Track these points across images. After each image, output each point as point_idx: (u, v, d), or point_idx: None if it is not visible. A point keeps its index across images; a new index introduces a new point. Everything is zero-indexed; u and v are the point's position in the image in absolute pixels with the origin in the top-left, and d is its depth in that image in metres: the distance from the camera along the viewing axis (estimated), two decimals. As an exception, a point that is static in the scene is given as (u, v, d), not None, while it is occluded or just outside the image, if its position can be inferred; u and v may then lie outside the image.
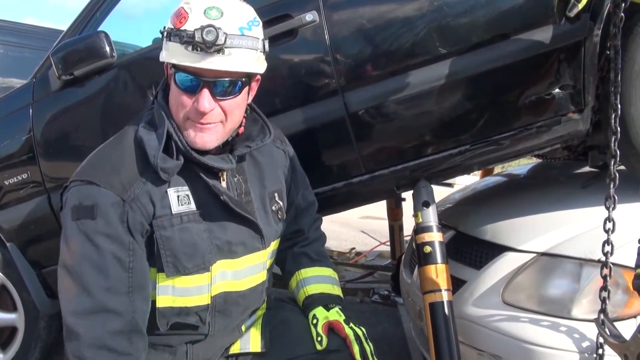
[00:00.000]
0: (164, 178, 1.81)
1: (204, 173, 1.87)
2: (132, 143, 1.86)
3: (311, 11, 2.51)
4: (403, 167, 2.64)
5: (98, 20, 2.92)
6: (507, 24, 2.44)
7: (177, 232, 1.83)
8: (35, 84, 2.91)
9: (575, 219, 2.51)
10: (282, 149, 2.21)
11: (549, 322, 2.27)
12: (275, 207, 2.10)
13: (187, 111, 1.81)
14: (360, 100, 2.55)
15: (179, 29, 1.73)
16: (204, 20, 1.73)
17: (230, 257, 1.94)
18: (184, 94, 1.80)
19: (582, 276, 2.29)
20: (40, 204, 2.92)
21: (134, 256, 1.78)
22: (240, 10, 1.81)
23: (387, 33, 2.50)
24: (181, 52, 1.74)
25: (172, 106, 1.85)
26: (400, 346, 3.90)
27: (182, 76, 1.79)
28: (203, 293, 1.90)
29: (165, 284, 1.86)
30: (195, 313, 1.92)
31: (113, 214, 1.75)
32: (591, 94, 2.51)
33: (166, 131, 1.81)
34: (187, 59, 1.74)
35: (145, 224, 1.80)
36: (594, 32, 2.42)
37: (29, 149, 2.88)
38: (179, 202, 1.85)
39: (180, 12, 1.76)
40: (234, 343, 2.12)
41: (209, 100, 1.78)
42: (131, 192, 1.78)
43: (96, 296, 1.73)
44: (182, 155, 1.83)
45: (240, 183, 2.01)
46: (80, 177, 1.80)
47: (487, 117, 2.57)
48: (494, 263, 2.49)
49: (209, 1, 1.77)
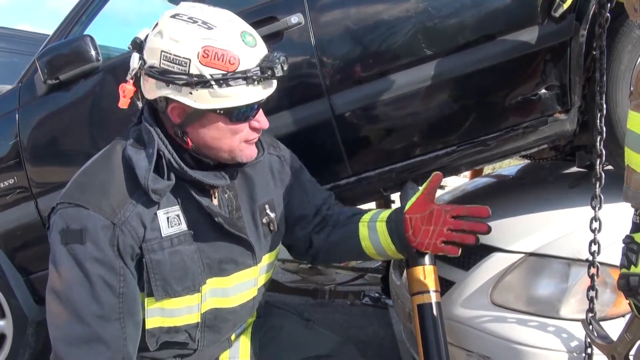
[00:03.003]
0: (155, 199, 1.74)
1: (195, 191, 1.82)
2: (120, 162, 1.78)
3: (296, 14, 2.51)
4: (390, 169, 2.64)
5: (84, 24, 2.92)
6: (492, 25, 2.44)
7: (167, 256, 1.77)
8: (21, 89, 2.91)
9: (563, 219, 2.52)
10: (276, 154, 2.15)
11: (537, 322, 2.27)
12: (266, 220, 2.02)
13: (241, 135, 1.78)
14: (347, 102, 2.55)
15: (237, 71, 1.65)
16: (251, 51, 1.68)
17: (221, 275, 1.89)
18: (239, 123, 1.76)
19: (570, 276, 2.30)
20: (27, 210, 2.91)
21: (125, 282, 1.73)
22: (247, 24, 1.78)
23: (373, 35, 2.49)
24: (246, 91, 1.68)
25: (216, 142, 1.77)
26: (390, 348, 3.90)
27: (242, 110, 1.73)
28: (193, 312, 1.87)
29: (154, 307, 1.81)
30: (185, 331, 1.89)
31: (103, 238, 1.68)
32: (577, 94, 2.51)
33: (157, 150, 1.74)
34: (257, 94, 1.71)
35: (136, 247, 1.74)
36: (580, 32, 2.41)
37: (16, 154, 2.87)
38: (168, 223, 1.79)
39: (219, 54, 1.64)
40: (223, 352, 2.10)
41: (263, 115, 1.82)
42: (121, 215, 1.71)
43: (88, 324, 1.69)
44: (173, 174, 1.77)
45: (231, 199, 1.95)
46: (67, 200, 1.73)
47: (473, 118, 2.57)
48: (482, 264, 2.48)
49: (232, 28, 1.70)
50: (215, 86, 1.65)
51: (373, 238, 2.11)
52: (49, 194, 2.82)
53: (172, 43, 1.66)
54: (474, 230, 1.97)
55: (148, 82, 1.73)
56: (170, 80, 1.66)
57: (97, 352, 1.70)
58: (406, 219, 2.04)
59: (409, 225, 2.04)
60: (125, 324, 1.73)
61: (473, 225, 1.97)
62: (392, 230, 2.06)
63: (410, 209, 2.05)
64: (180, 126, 1.75)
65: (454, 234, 1.98)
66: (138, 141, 1.79)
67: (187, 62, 1.64)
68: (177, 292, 1.80)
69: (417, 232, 2.03)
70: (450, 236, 1.98)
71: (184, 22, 1.68)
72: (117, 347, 1.72)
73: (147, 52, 1.71)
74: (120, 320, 1.73)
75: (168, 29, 1.68)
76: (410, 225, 2.04)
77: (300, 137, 2.57)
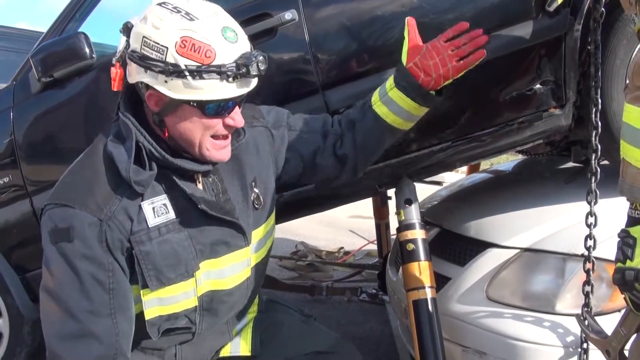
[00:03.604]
0: (139, 191, 1.75)
1: (178, 178, 1.81)
2: (102, 159, 1.80)
3: (290, 10, 2.50)
4: (385, 165, 2.64)
5: (78, 21, 2.91)
6: (487, 20, 2.43)
7: (156, 245, 1.78)
8: (15, 87, 2.90)
9: (559, 214, 2.52)
10: (259, 125, 2.11)
11: (533, 317, 2.28)
12: (253, 196, 2.01)
13: (214, 131, 1.77)
14: (341, 98, 2.54)
15: (212, 65, 1.65)
16: (230, 47, 1.68)
17: (213, 257, 1.89)
18: (215, 117, 1.75)
19: (565, 271, 2.30)
20: (22, 208, 2.90)
21: (114, 277, 1.74)
22: (233, 20, 1.77)
23: (367, 31, 2.49)
24: (220, 86, 1.68)
25: (188, 133, 1.77)
26: (387, 344, 3.91)
27: (216, 105, 1.73)
28: (190, 297, 1.87)
29: (151, 298, 1.82)
30: (185, 315, 1.90)
31: (90, 235, 1.70)
32: (572, 89, 2.50)
33: (135, 142, 1.74)
34: (227, 90, 1.70)
35: (125, 241, 1.75)
36: (575, 27, 2.41)
37: (11, 152, 2.86)
38: (154, 213, 1.79)
39: (196, 46, 1.65)
40: (224, 346, 2.10)
41: (240, 115, 1.81)
42: (107, 211, 1.72)
43: (80, 319, 1.71)
44: (155, 163, 1.78)
45: (215, 182, 1.94)
46: (54, 200, 1.76)
47: (468, 113, 2.57)
48: (478, 259, 2.49)
49: (214, 22, 1.70)
50: (189, 77, 1.65)
51: (394, 109, 2.09)
52: (44, 192, 2.81)
53: (153, 30, 1.67)
54: (475, 44, 2.04)
55: (130, 66, 1.75)
56: (148, 66, 1.68)
57: (90, 347, 1.71)
58: (411, 69, 2.03)
59: (418, 72, 2.03)
60: (117, 320, 1.75)
61: (471, 37, 2.05)
62: (406, 89, 2.04)
63: (408, 58, 2.05)
64: (158, 115, 1.76)
65: (462, 49, 2.03)
66: (118, 136, 1.80)
67: (164, 50, 1.65)
68: (171, 280, 1.81)
69: (428, 71, 2.02)
70: (460, 53, 2.03)
71: (168, 10, 1.69)
72: (110, 342, 1.73)
73: (132, 36, 1.73)
74: (112, 315, 1.74)
75: (152, 16, 1.69)
76: (419, 69, 2.03)
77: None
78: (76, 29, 2.86)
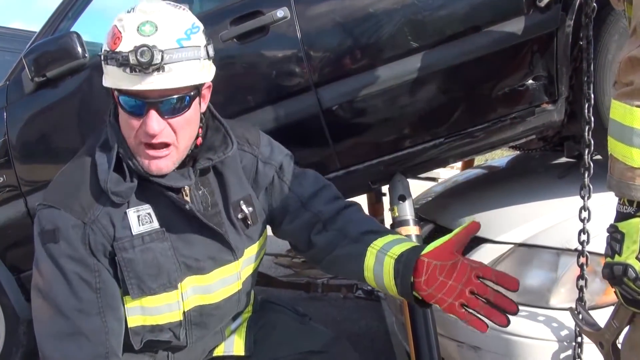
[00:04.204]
0: (117, 201, 1.75)
1: (164, 189, 1.80)
2: (89, 165, 1.81)
3: (282, 7, 2.50)
4: (378, 162, 2.64)
5: (71, 20, 2.91)
6: (478, 16, 2.44)
7: (139, 254, 1.78)
8: (8, 87, 2.89)
9: (552, 209, 2.53)
10: (250, 152, 2.04)
11: (527, 312, 2.28)
12: (241, 216, 1.96)
13: (137, 134, 1.72)
14: (334, 95, 2.55)
15: (114, 51, 1.65)
16: (137, 38, 1.64)
17: (200, 273, 1.88)
18: (132, 117, 1.71)
19: (559, 265, 2.31)
20: (16, 208, 2.89)
21: (100, 277, 1.75)
22: (176, 20, 1.71)
23: (359, 28, 2.49)
24: (120, 76, 1.66)
25: (123, 130, 1.77)
26: (383, 341, 3.91)
27: (126, 99, 1.70)
28: (173, 310, 1.86)
29: (133, 306, 1.83)
30: (169, 329, 1.90)
31: (74, 237, 1.72)
32: (564, 85, 2.52)
33: (116, 154, 1.75)
34: (126, 82, 1.66)
35: (107, 245, 1.76)
36: (566, 22, 2.42)
37: (5, 152, 2.85)
38: (139, 222, 1.79)
39: (113, 33, 1.68)
40: (218, 346, 2.11)
41: (157, 121, 1.69)
42: (91, 214, 1.74)
43: (69, 317, 1.72)
44: (137, 176, 1.77)
45: (205, 195, 1.92)
46: (43, 202, 1.79)
47: (460, 109, 2.58)
48: (472, 255, 2.48)
49: (141, 16, 1.68)
50: (103, 62, 1.70)
51: (377, 271, 1.82)
52: (38, 192, 2.80)
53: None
54: (502, 307, 1.61)
55: None
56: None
57: (80, 345, 1.72)
58: (422, 263, 1.69)
59: (423, 270, 1.68)
60: (107, 319, 1.76)
61: (501, 299, 1.62)
62: (397, 272, 1.74)
63: (431, 253, 1.70)
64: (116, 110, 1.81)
65: (478, 302, 1.62)
66: (105, 143, 1.81)
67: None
68: (153, 290, 1.81)
69: (431, 282, 1.66)
70: (473, 303, 1.62)
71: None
72: (99, 340, 1.74)
73: None
74: (101, 314, 1.75)
75: None
76: (425, 272, 1.68)
77: (287, 131, 2.55)
78: (68, 29, 2.86)
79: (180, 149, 1.79)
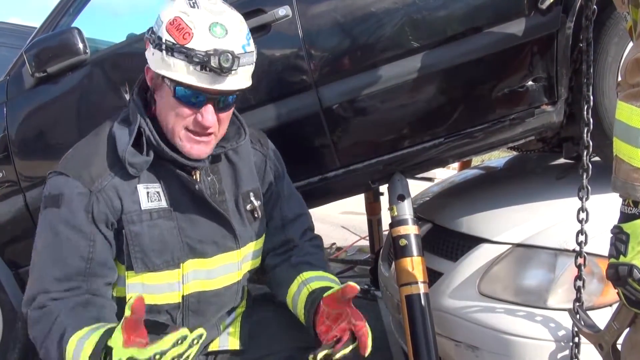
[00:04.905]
0: (132, 173, 1.83)
1: (177, 168, 1.88)
2: (105, 138, 1.89)
3: (284, 6, 2.50)
4: (378, 161, 2.65)
5: (72, 16, 2.90)
6: (479, 17, 2.45)
7: (146, 228, 1.85)
8: (9, 82, 2.88)
9: (550, 210, 2.54)
10: (260, 151, 2.18)
11: (525, 312, 2.29)
12: (250, 207, 2.07)
13: (186, 121, 1.82)
14: (334, 94, 2.55)
15: (184, 47, 1.72)
16: (211, 39, 1.73)
17: (202, 257, 1.95)
18: (186, 106, 1.81)
19: (557, 266, 2.31)
20: (15, 204, 2.89)
21: (94, 247, 1.80)
22: (240, 24, 1.83)
23: (361, 27, 2.50)
24: (188, 71, 1.74)
25: (165, 113, 1.85)
26: (379, 340, 3.89)
27: (184, 91, 1.78)
28: (174, 290, 1.91)
29: (134, 282, 1.87)
30: (166, 311, 1.93)
31: (78, 203, 1.79)
32: (564, 86, 2.53)
33: (138, 127, 1.83)
34: (196, 79, 1.74)
35: (110, 216, 1.82)
36: (567, 24, 2.43)
37: (4, 148, 2.84)
38: (148, 198, 1.87)
39: (181, 26, 1.74)
40: (213, 341, 2.12)
41: (212, 115, 1.82)
42: (98, 184, 1.81)
43: (45, 285, 1.77)
44: (153, 152, 1.85)
45: (214, 182, 2.01)
46: (55, 169, 1.87)
47: (460, 110, 2.58)
48: (470, 255, 2.50)
49: (210, 16, 1.76)
50: (164, 52, 1.75)
51: (294, 298, 2.02)
52: (37, 188, 2.80)
53: (164, 8, 1.79)
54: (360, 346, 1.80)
55: None
56: (149, 37, 1.82)
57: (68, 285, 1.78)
58: (319, 306, 1.88)
59: (319, 311, 1.87)
60: (90, 282, 1.80)
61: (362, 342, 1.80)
62: (306, 304, 1.94)
63: (326, 299, 1.85)
64: (152, 90, 1.89)
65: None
66: (125, 120, 1.90)
67: (161, 24, 1.77)
68: (157, 266, 1.87)
69: (320, 322, 1.87)
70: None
71: None
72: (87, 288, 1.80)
73: None
74: (87, 282, 1.80)
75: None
76: (320, 314, 1.87)
77: (288, 129, 2.58)
78: (70, 24, 2.85)
79: (218, 138, 1.92)
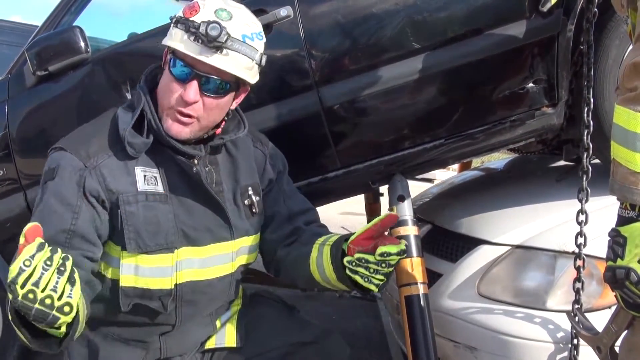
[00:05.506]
0: (131, 153, 1.87)
1: (175, 154, 1.92)
2: (109, 121, 1.95)
3: (286, 6, 2.50)
4: (378, 162, 2.65)
5: (74, 14, 2.90)
6: (480, 18, 2.46)
7: (141, 209, 1.87)
8: (10, 80, 2.88)
9: (550, 211, 2.54)
10: (261, 150, 2.20)
11: (524, 313, 2.30)
12: (248, 202, 2.08)
13: (173, 97, 1.85)
14: (335, 95, 2.55)
15: (187, 19, 1.81)
16: (212, 17, 1.80)
17: (196, 245, 1.96)
18: (175, 81, 1.85)
19: (556, 268, 2.32)
20: (16, 202, 2.89)
21: (77, 220, 1.81)
22: (249, 21, 1.89)
23: (362, 28, 2.50)
24: (182, 40, 1.81)
25: (161, 90, 1.91)
26: (379, 340, 3.92)
27: (177, 63, 1.85)
28: (166, 276, 1.92)
29: (128, 263, 1.89)
30: (158, 298, 1.94)
31: (71, 176, 1.83)
32: (565, 88, 2.53)
33: (141, 110, 1.88)
34: (186, 47, 1.80)
35: (102, 193, 1.85)
36: (567, 27, 2.43)
37: (5, 145, 2.85)
38: (145, 181, 1.90)
39: (193, 5, 1.83)
40: (209, 338, 2.13)
41: (195, 92, 1.84)
42: (94, 161, 1.85)
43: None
44: (153, 135, 1.89)
45: (211, 172, 2.03)
46: (55, 145, 1.92)
47: (461, 111, 2.58)
48: (470, 256, 2.50)
49: (223, 4, 1.85)
50: (172, 25, 1.86)
51: (319, 262, 1.95)
52: (38, 186, 2.80)
53: None
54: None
55: None
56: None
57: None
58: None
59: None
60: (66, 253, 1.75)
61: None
62: (333, 256, 1.88)
63: (354, 241, 1.79)
64: (162, 71, 1.94)
65: None
66: (130, 105, 1.96)
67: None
68: (149, 248, 1.88)
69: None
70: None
71: None
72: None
73: None
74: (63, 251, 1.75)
75: None
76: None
77: (289, 129, 2.58)
78: (71, 23, 2.86)
79: (201, 125, 1.92)
